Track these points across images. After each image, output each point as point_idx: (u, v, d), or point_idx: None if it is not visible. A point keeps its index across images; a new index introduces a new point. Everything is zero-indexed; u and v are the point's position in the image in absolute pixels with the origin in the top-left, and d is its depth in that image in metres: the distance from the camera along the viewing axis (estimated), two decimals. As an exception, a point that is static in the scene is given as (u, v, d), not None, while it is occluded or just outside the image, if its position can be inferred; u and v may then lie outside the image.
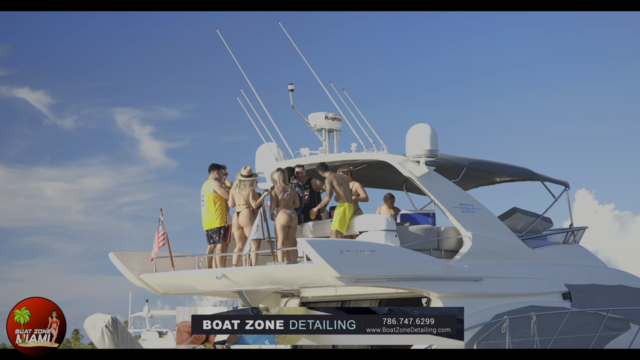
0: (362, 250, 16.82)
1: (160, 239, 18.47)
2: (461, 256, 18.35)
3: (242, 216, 18.20)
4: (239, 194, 18.26)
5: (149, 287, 19.21)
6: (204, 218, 18.78)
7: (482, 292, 18.34)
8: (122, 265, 19.05)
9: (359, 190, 19.05)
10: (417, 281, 17.49)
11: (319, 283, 17.49)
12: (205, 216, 18.74)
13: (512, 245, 19.42)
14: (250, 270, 17.88)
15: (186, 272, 18.74)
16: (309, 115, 20.00)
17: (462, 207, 18.74)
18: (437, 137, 18.38)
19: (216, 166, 18.85)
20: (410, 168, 18.40)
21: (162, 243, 18.50)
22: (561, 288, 19.94)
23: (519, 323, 18.55)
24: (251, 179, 18.28)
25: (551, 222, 21.16)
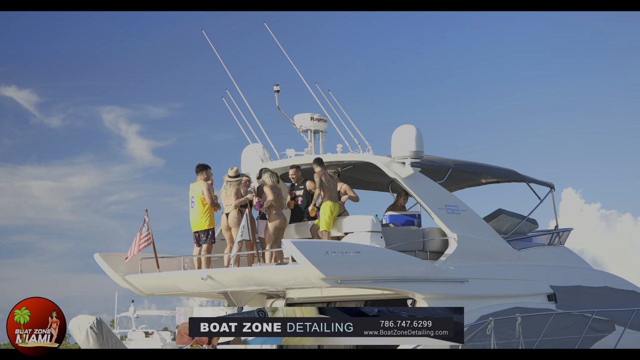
0: (348, 251, 16.82)
1: (143, 240, 18.38)
2: (446, 257, 18.36)
3: (230, 217, 18.17)
4: (227, 195, 18.24)
5: (135, 288, 19.16)
6: (192, 219, 18.71)
7: (467, 294, 18.34)
8: (107, 266, 18.98)
9: (348, 191, 19.03)
10: (403, 282, 17.49)
11: (304, 284, 17.48)
12: (194, 217, 18.67)
13: (497, 247, 19.44)
14: (235, 271, 17.86)
15: (171, 273, 18.69)
16: (295, 116, 20.00)
17: (447, 208, 18.75)
18: (423, 139, 18.41)
19: (204, 167, 18.77)
20: (395, 169, 18.41)
21: (145, 244, 18.41)
22: (546, 289, 19.95)
23: (504, 324, 18.56)
24: (238, 179, 18.26)
25: (536, 224, 21.19)
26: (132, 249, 18.51)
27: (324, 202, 18.18)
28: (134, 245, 18.44)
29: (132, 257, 18.59)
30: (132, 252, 18.47)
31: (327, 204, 18.14)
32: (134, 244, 18.43)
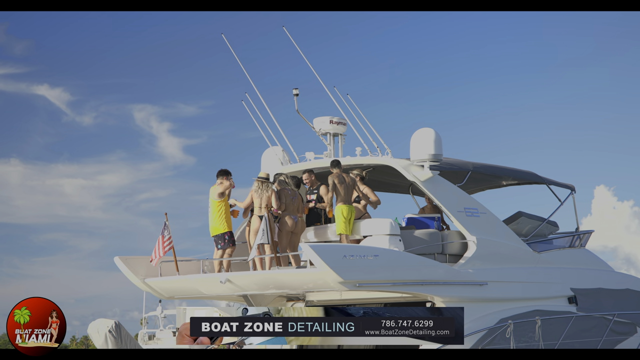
0: (366, 255, 16.83)
1: (165, 243, 18.50)
2: (466, 260, 18.32)
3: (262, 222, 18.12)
4: (259, 196, 18.19)
5: (154, 291, 19.27)
6: (211, 223, 18.78)
7: (487, 297, 18.30)
8: (127, 269, 19.11)
9: (369, 194, 19.04)
10: (421, 285, 17.48)
11: (322, 288, 17.51)
12: (210, 222, 18.74)
13: (517, 249, 19.39)
14: (254, 274, 17.93)
15: (191, 277, 18.79)
16: (314, 119, 20.04)
17: (466, 211, 18.72)
18: (442, 142, 18.40)
19: (225, 172, 18.77)
20: (414, 172, 18.41)
21: (167, 248, 18.53)
22: (567, 292, 19.88)
23: (523, 327, 18.52)
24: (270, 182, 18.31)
25: (557, 226, 21.11)
26: (156, 252, 18.61)
27: (337, 205, 18.20)
28: (157, 248, 18.54)
29: (158, 260, 18.66)
30: (157, 254, 18.56)
31: (339, 207, 18.14)
32: (157, 247, 18.53)
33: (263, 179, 18.28)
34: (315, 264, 16.45)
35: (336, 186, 18.21)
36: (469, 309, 17.90)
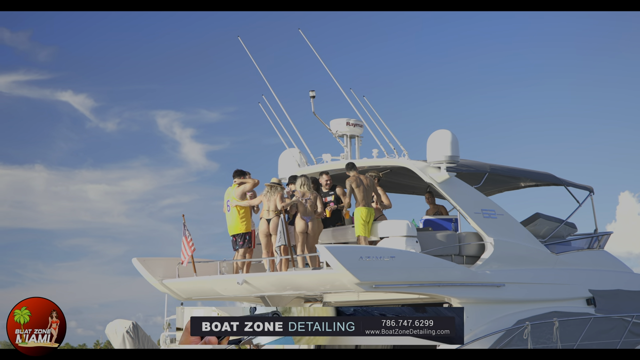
0: (382, 256, 16.85)
1: (190, 244, 18.62)
2: (483, 262, 18.32)
3: (272, 223, 18.27)
4: (269, 200, 18.33)
5: (172, 292, 19.34)
6: (229, 223, 18.88)
7: (504, 298, 18.28)
8: (145, 270, 19.21)
9: (383, 197, 19.06)
10: (438, 287, 17.47)
11: (339, 289, 17.54)
12: (230, 221, 18.84)
13: (534, 251, 19.35)
14: (271, 275, 17.99)
15: (208, 278, 18.86)
16: (331, 121, 20.07)
17: (483, 212, 18.70)
18: (458, 143, 18.39)
19: (241, 172, 18.92)
20: (431, 174, 18.41)
21: (193, 248, 18.65)
22: (585, 294, 19.83)
23: (541, 329, 18.48)
24: (280, 186, 18.39)
25: (575, 228, 21.05)
26: (184, 253, 18.74)
27: (356, 207, 18.22)
28: (185, 249, 18.66)
29: (188, 260, 18.76)
30: (186, 254, 18.68)
31: (359, 209, 18.16)
32: (184, 248, 18.65)
33: (273, 184, 18.38)
34: (332, 265, 16.47)
35: (354, 190, 18.24)
36: (486, 310, 17.93)
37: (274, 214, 18.24)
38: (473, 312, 17.69)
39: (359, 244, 18.07)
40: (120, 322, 18.07)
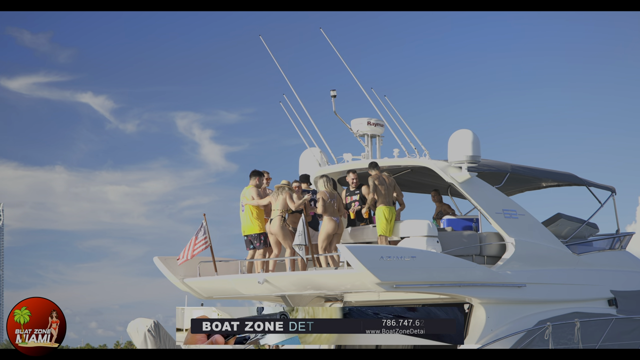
0: (403, 256, 16.84)
1: (199, 244, 18.59)
2: (504, 262, 18.27)
3: (272, 223, 18.33)
4: (275, 200, 18.38)
5: (193, 291, 19.39)
6: (244, 223, 18.90)
7: (525, 298, 18.25)
8: (166, 269, 19.26)
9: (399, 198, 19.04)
10: (459, 287, 17.45)
11: (360, 289, 17.54)
12: (245, 222, 18.85)
13: (556, 251, 19.29)
14: (292, 275, 18.01)
15: (229, 277, 18.90)
16: (352, 121, 20.07)
17: (505, 212, 18.66)
18: (480, 143, 18.35)
19: (257, 173, 18.94)
20: (452, 174, 18.38)
21: (200, 248, 18.61)
22: (606, 294, 19.76)
23: (562, 329, 18.44)
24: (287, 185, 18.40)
25: (597, 228, 20.98)
26: (185, 253, 18.70)
27: (378, 206, 18.20)
28: (187, 249, 18.63)
29: (184, 261, 18.76)
30: (186, 255, 18.65)
31: (381, 208, 18.15)
32: (187, 248, 18.62)
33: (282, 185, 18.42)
34: (352, 265, 16.47)
35: (377, 187, 18.22)
36: (507, 310, 17.90)
37: (277, 214, 18.30)
38: (494, 313, 17.69)
39: (380, 243, 18.06)
40: (141, 321, 18.12)
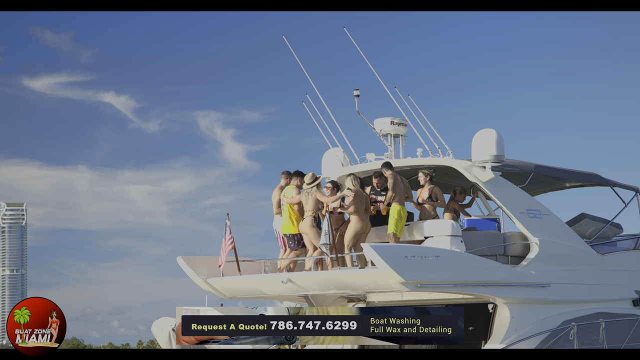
0: (427, 255, 16.81)
1: (228, 244, 18.63)
2: (528, 262, 18.22)
3: (304, 223, 18.35)
4: (306, 201, 18.39)
5: (217, 291, 19.39)
6: (283, 222, 18.92)
7: (550, 298, 18.19)
8: (190, 269, 19.28)
9: (438, 195, 18.99)
10: (483, 287, 17.41)
11: (384, 288, 17.52)
12: (284, 221, 18.88)
13: (580, 251, 19.22)
14: (315, 275, 17.99)
15: (253, 277, 18.90)
16: (375, 120, 20.03)
17: (529, 212, 18.60)
18: (504, 143, 18.31)
19: (299, 173, 18.99)
20: (476, 173, 18.33)
21: (230, 248, 18.65)
22: (631, 295, 19.70)
23: (587, 330, 18.37)
24: (315, 184, 18.37)
25: (621, 228, 20.91)
26: (221, 255, 18.75)
27: (393, 204, 18.15)
28: (222, 252, 18.68)
29: (225, 264, 18.76)
30: (222, 259, 18.67)
31: (395, 207, 18.11)
32: (222, 251, 18.66)
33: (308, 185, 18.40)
34: (377, 264, 16.44)
35: (397, 184, 18.22)
36: (531, 310, 17.84)
37: (309, 214, 18.31)
38: (518, 313, 17.64)
39: (390, 242, 18.00)
40: (166, 320, 18.10)
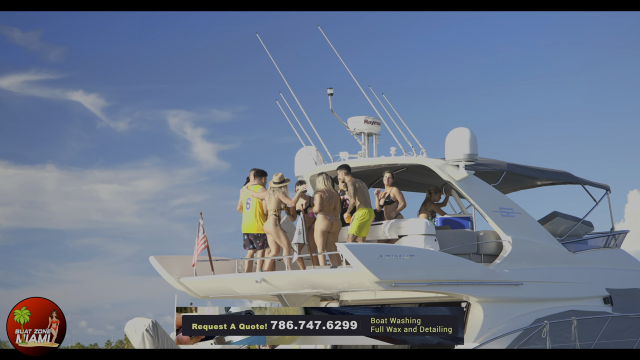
0: (401, 254, 16.81)
1: (200, 244, 18.55)
2: (501, 260, 18.27)
3: (267, 223, 18.27)
4: (269, 200, 18.31)
5: (190, 290, 19.30)
6: (247, 221, 18.80)
7: (522, 297, 18.25)
8: (162, 268, 19.15)
9: (397, 197, 19.00)
10: (457, 285, 17.44)
11: (358, 287, 17.50)
12: (249, 219, 18.77)
13: (552, 249, 19.30)
14: (289, 274, 17.93)
15: (226, 276, 18.82)
16: (348, 119, 20.00)
17: (501, 211, 18.66)
18: (477, 141, 18.34)
19: (263, 173, 18.91)
20: (449, 172, 18.36)
21: (202, 247, 18.58)
22: (602, 292, 19.79)
23: (559, 328, 18.45)
24: (281, 185, 18.29)
25: (592, 226, 21.02)
26: (195, 255, 18.70)
27: (358, 208, 18.11)
28: (196, 251, 18.62)
29: (197, 263, 18.71)
30: (195, 258, 18.63)
31: (360, 210, 18.07)
32: (196, 250, 18.60)
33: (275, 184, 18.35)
34: (352, 263, 16.43)
35: (357, 191, 18.14)
36: (504, 308, 17.90)
37: (272, 213, 18.25)
38: (492, 311, 17.69)
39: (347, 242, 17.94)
40: (139, 321, 18.00)
